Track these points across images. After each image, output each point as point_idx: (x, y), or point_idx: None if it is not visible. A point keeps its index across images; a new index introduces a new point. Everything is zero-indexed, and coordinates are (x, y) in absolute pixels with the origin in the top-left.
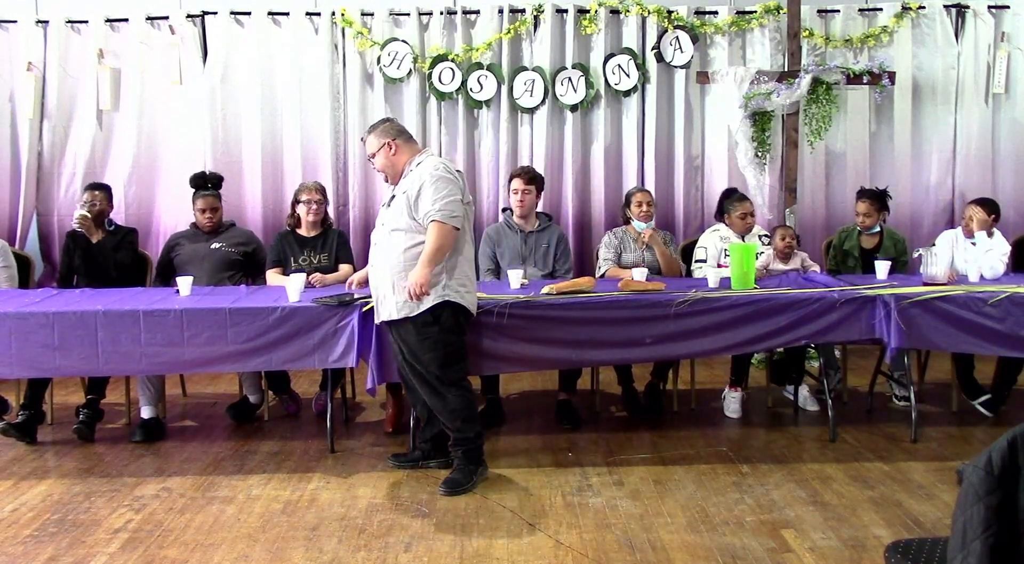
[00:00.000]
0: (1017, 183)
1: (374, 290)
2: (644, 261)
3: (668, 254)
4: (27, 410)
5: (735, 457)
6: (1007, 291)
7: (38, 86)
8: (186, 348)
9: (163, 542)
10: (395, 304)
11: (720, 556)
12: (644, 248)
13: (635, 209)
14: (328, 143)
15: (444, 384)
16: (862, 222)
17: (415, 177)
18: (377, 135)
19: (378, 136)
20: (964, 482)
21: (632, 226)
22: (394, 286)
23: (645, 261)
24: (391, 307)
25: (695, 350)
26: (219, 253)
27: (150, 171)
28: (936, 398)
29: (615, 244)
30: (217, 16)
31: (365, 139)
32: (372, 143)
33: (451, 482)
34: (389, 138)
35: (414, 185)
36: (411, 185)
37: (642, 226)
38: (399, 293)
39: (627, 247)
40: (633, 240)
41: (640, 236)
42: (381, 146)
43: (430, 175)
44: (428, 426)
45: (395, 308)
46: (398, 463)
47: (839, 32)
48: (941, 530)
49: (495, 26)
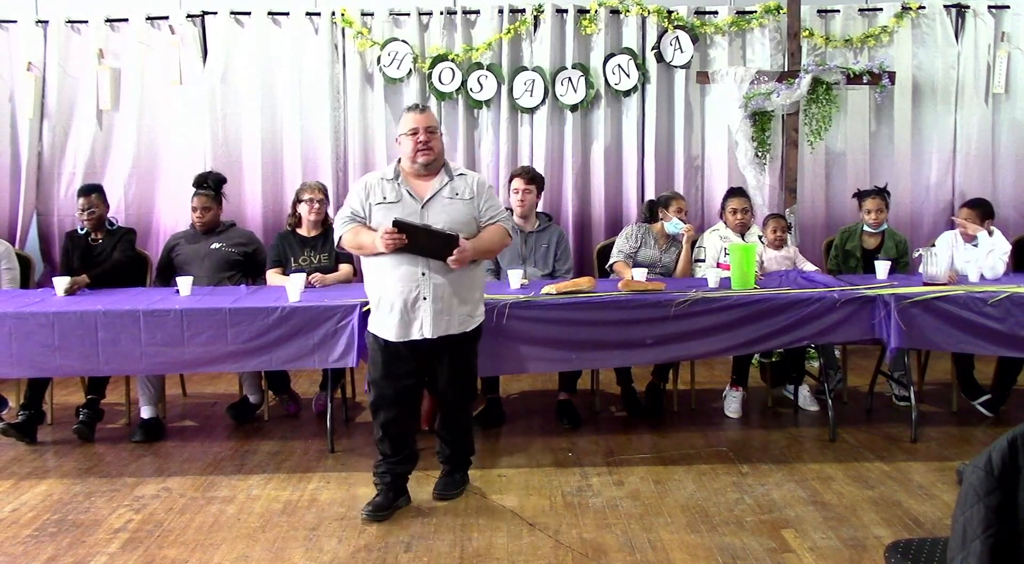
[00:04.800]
0: (1017, 183)
1: (421, 301)
2: (660, 262)
3: (690, 258)
4: (27, 410)
5: (735, 457)
6: (1007, 291)
7: (38, 86)
8: (186, 348)
9: (163, 542)
10: (459, 317)
11: (720, 556)
12: (664, 250)
13: (673, 215)
14: (328, 143)
15: (471, 400)
16: (874, 219)
17: (466, 182)
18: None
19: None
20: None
21: (661, 225)
22: (462, 298)
23: (661, 262)
24: (453, 321)
25: (695, 351)
26: (219, 253)
27: (150, 171)
28: (936, 398)
29: (636, 237)
30: (217, 16)
31: (425, 109)
32: (434, 120)
33: (444, 490)
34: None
35: (468, 189)
36: (463, 190)
37: (680, 226)
38: (467, 306)
39: (647, 244)
40: (655, 239)
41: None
42: (439, 129)
43: (487, 184)
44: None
45: (457, 322)
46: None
47: (839, 32)
48: (941, 530)
49: (495, 26)
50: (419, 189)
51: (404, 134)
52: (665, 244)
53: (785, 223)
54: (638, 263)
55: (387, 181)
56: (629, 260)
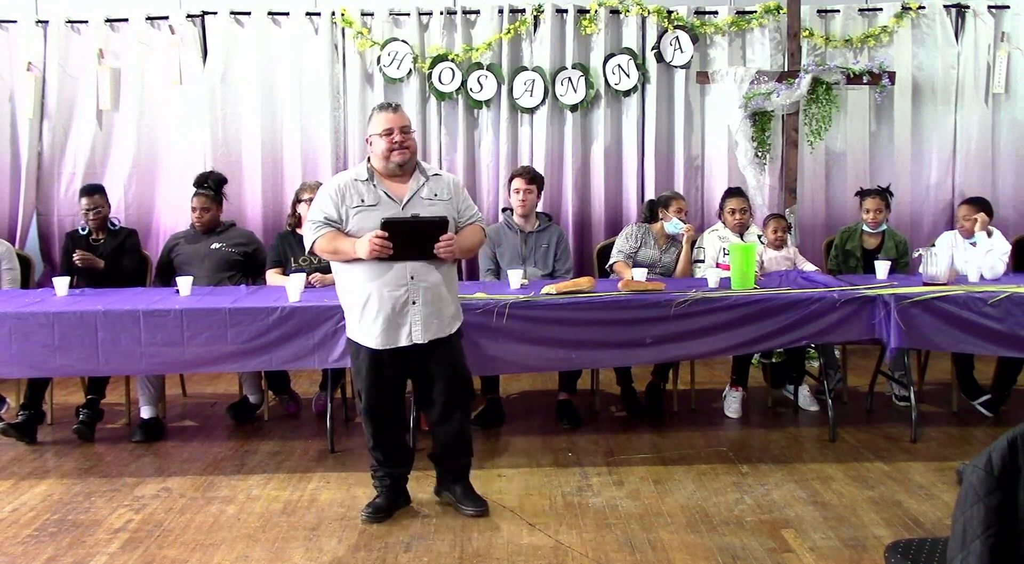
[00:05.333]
0: (1017, 183)
1: (410, 306)
2: (660, 262)
3: (690, 258)
4: (27, 410)
5: (735, 457)
6: (1007, 291)
7: (38, 86)
8: (186, 348)
9: (163, 542)
10: (447, 319)
11: (720, 556)
12: (664, 250)
13: (673, 215)
14: (328, 143)
15: (469, 401)
16: (873, 218)
17: (442, 183)
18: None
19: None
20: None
21: (661, 225)
22: (447, 299)
23: (662, 262)
24: (443, 324)
25: (695, 351)
26: (219, 253)
27: (150, 171)
28: (936, 398)
29: (636, 237)
30: (217, 16)
31: (397, 108)
32: (408, 119)
33: (480, 501)
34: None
35: (446, 190)
36: (441, 190)
37: (679, 226)
38: (452, 306)
39: (647, 244)
40: (655, 239)
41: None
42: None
43: (461, 184)
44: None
45: (446, 324)
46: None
47: (839, 32)
48: (941, 530)
49: (495, 26)
50: (396, 190)
51: (377, 134)
52: (665, 244)
53: (785, 223)
54: (638, 263)
55: (361, 183)
56: (629, 260)
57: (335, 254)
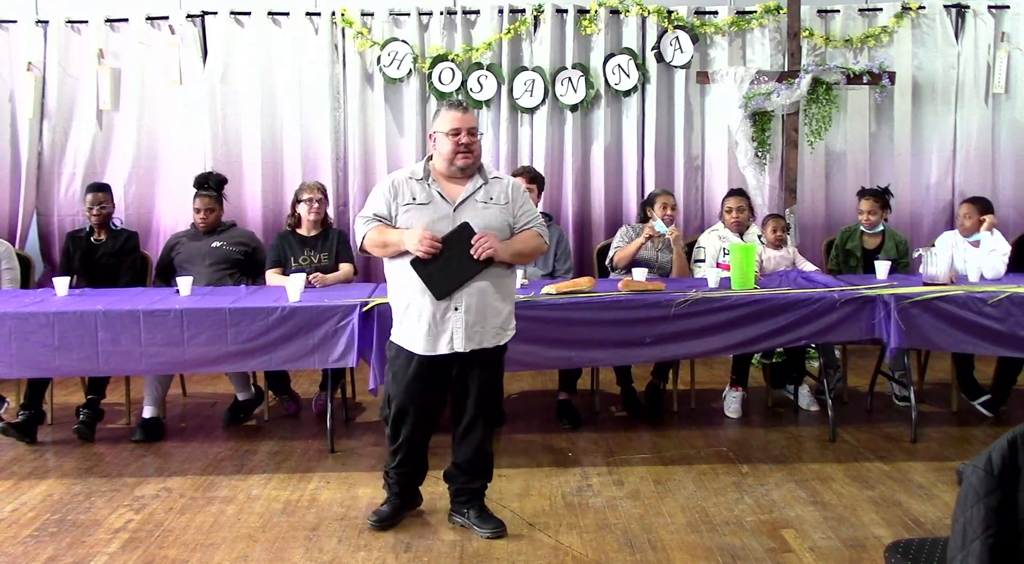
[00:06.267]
0: (1017, 183)
1: (452, 312)
2: (657, 261)
3: (684, 258)
4: (27, 410)
5: (735, 457)
6: (1007, 291)
7: (38, 86)
8: (186, 348)
9: (163, 542)
10: (493, 330)
11: (720, 556)
12: (659, 249)
13: (659, 211)
14: (328, 143)
15: (496, 423)
16: (867, 220)
17: (501, 186)
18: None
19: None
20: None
21: (652, 226)
22: (495, 309)
23: (658, 261)
24: (486, 334)
25: (695, 350)
26: (220, 251)
27: (150, 171)
28: (936, 398)
29: (632, 237)
30: (217, 16)
31: (468, 107)
32: (477, 121)
33: (497, 523)
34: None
35: (503, 194)
36: (498, 194)
37: (664, 228)
38: (500, 317)
39: (644, 244)
40: (649, 239)
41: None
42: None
43: (523, 188)
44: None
45: (491, 335)
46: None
47: (839, 32)
48: (941, 530)
49: (495, 26)
50: (451, 191)
51: (444, 133)
52: (659, 243)
53: (785, 223)
54: (637, 262)
55: (416, 181)
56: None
57: (385, 247)
